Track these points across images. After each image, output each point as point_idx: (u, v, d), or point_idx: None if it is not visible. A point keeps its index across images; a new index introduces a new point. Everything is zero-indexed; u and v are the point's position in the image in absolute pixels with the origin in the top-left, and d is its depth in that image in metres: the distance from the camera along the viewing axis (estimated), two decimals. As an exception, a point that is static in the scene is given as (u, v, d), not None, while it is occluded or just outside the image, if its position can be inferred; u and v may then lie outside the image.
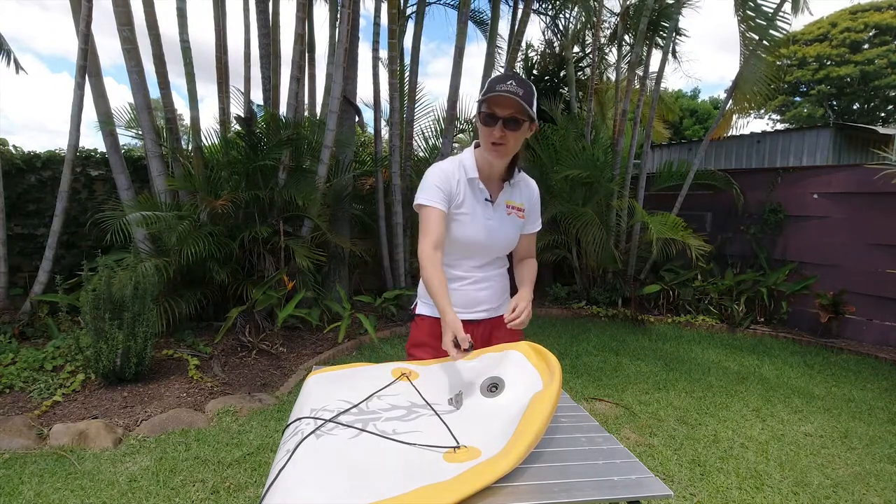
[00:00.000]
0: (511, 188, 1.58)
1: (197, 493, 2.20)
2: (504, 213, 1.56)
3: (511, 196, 1.58)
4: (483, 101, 1.41)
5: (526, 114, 1.38)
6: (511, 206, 1.57)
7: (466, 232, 1.52)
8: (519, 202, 1.59)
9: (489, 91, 1.38)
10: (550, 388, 1.08)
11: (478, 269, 1.60)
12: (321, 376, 1.35)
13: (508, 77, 1.40)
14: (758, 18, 5.39)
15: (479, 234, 1.53)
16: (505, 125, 1.39)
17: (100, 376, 3.25)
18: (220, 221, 4.32)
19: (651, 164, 7.96)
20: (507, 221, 1.56)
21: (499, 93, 1.35)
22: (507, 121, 1.39)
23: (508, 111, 1.38)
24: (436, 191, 1.46)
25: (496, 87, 1.37)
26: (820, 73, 17.09)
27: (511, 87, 1.36)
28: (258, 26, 5.09)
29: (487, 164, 1.50)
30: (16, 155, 4.81)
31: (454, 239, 1.53)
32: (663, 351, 4.43)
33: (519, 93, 1.35)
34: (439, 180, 1.47)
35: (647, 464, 2.47)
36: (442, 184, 1.47)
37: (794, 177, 5.37)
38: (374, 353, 4.22)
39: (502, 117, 1.38)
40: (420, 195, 1.47)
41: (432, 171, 1.51)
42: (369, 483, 0.85)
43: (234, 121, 4.45)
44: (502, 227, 1.55)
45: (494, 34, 5.98)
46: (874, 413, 3.23)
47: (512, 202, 1.57)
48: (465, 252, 1.57)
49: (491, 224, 1.53)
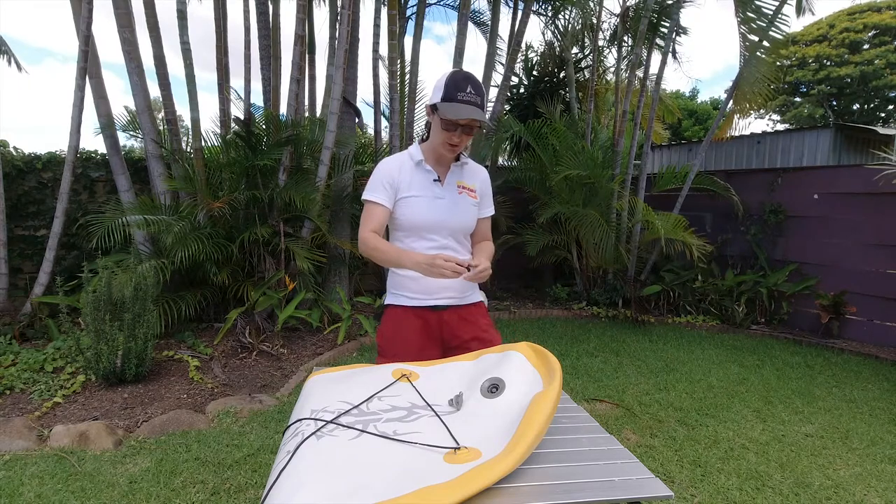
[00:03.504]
0: (460, 170, 1.67)
1: (197, 494, 2.20)
2: (455, 192, 1.63)
3: (461, 177, 1.67)
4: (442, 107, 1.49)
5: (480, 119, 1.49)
6: (462, 187, 1.65)
7: (419, 212, 1.58)
8: (471, 184, 1.67)
9: (450, 99, 1.47)
10: (551, 388, 1.08)
11: (434, 250, 1.60)
12: (321, 377, 1.35)
13: (465, 81, 1.49)
14: (758, 20, 5.40)
15: (431, 212, 1.59)
16: (463, 131, 1.52)
17: (100, 377, 3.25)
18: (220, 223, 4.32)
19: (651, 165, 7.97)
20: (459, 200, 1.63)
21: (461, 104, 1.46)
22: (465, 128, 1.51)
23: (467, 119, 1.48)
24: (380, 187, 1.57)
25: (457, 96, 1.47)
26: (820, 74, 17.09)
27: (470, 97, 1.47)
28: (258, 27, 5.10)
29: (437, 152, 1.60)
30: (16, 156, 4.82)
31: (408, 222, 1.60)
32: (664, 352, 4.43)
33: (477, 101, 1.47)
34: (383, 176, 1.58)
35: (648, 465, 2.47)
36: (385, 179, 1.57)
37: (795, 177, 5.37)
38: (374, 354, 4.19)
39: (462, 125, 1.50)
40: (365, 191, 1.59)
41: (378, 168, 1.61)
42: (370, 484, 0.85)
43: (234, 122, 4.46)
44: (456, 206, 1.62)
45: (495, 35, 5.99)
46: (875, 414, 3.23)
47: (462, 182, 1.66)
48: (420, 233, 1.61)
49: (442, 203, 1.60)
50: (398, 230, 1.63)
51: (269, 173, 4.44)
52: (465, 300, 1.68)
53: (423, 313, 1.63)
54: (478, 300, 1.73)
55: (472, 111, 1.46)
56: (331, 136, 4.47)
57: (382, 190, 1.57)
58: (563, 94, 6.81)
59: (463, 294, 1.67)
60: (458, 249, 1.66)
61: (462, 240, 1.68)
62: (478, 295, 1.74)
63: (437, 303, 1.63)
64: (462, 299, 1.67)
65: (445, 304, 1.64)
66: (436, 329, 1.65)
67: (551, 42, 7.34)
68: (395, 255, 1.51)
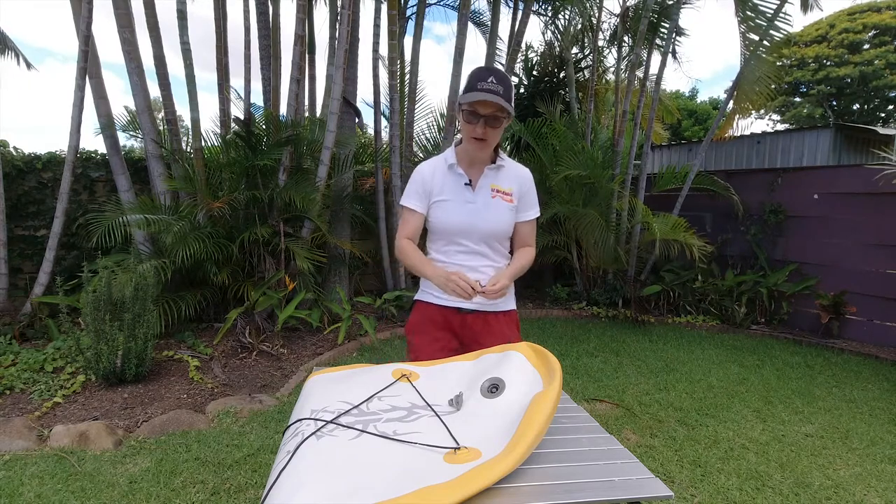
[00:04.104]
0: (496, 173, 1.62)
1: (197, 494, 2.20)
2: (488, 197, 1.60)
3: (496, 180, 1.62)
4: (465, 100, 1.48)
5: (505, 110, 1.46)
6: (496, 190, 1.61)
7: (447, 216, 1.59)
8: (507, 187, 1.62)
9: (471, 89, 1.46)
10: (551, 388, 1.08)
11: (466, 255, 1.61)
12: (321, 377, 1.35)
13: (488, 73, 1.46)
14: (758, 19, 5.40)
15: (460, 216, 1.58)
16: (486, 122, 1.48)
17: (100, 377, 3.25)
18: (220, 223, 4.32)
19: (651, 165, 7.97)
20: (492, 204, 1.59)
21: (480, 92, 1.43)
22: (488, 118, 1.48)
23: (489, 110, 1.46)
24: (414, 194, 1.59)
25: (477, 85, 1.44)
26: (819, 74, 17.09)
27: (492, 86, 1.43)
28: (258, 27, 5.10)
29: (469, 153, 1.59)
30: (16, 156, 4.82)
31: (439, 225, 1.61)
32: (664, 352, 4.43)
33: (499, 91, 1.44)
34: (417, 182, 1.60)
35: (648, 465, 2.47)
36: (419, 184, 1.60)
37: (795, 177, 5.37)
38: (374, 354, 4.22)
39: (484, 115, 1.47)
40: (403, 196, 1.62)
41: (414, 173, 1.62)
42: (370, 484, 0.85)
43: (234, 122, 4.46)
44: (487, 210, 1.59)
45: (494, 35, 5.99)
46: (875, 413, 3.23)
47: (497, 186, 1.61)
48: (451, 237, 1.61)
49: (472, 207, 1.58)
50: (432, 234, 1.64)
51: (269, 173, 4.44)
52: (494, 307, 1.64)
53: (448, 313, 1.64)
54: (509, 308, 1.69)
55: (491, 97, 1.43)
56: (331, 136, 4.47)
57: (416, 196, 1.59)
58: (562, 94, 6.81)
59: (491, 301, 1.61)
60: (490, 255, 1.63)
61: (497, 245, 1.64)
62: (510, 303, 1.69)
63: (463, 305, 1.62)
64: (491, 306, 1.64)
65: (471, 309, 1.63)
66: (458, 329, 1.65)
67: (551, 42, 7.34)
68: (420, 265, 1.55)
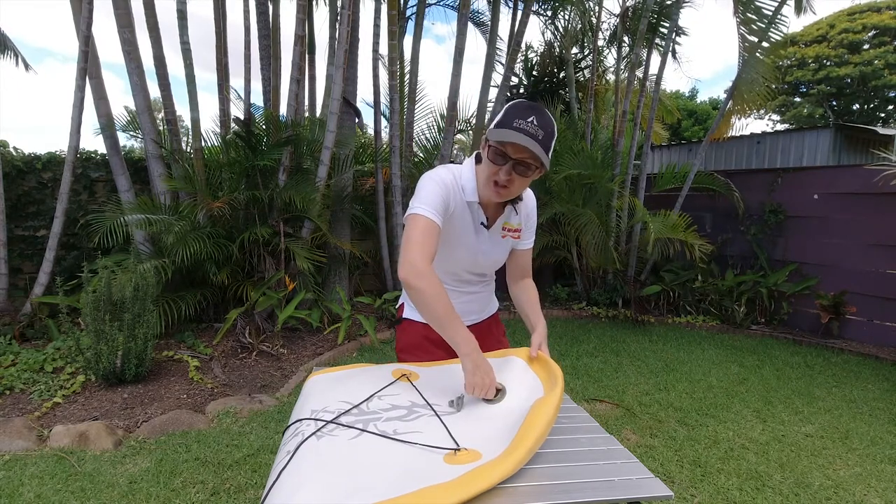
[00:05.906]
0: (511, 210, 1.44)
1: (197, 494, 2.20)
2: (498, 237, 1.44)
3: (509, 217, 1.43)
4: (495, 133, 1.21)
5: (539, 160, 1.20)
6: (507, 229, 1.44)
7: (454, 253, 1.40)
8: (517, 223, 1.45)
9: (504, 125, 1.19)
10: (552, 394, 1.08)
11: (456, 282, 1.50)
12: (321, 377, 1.35)
13: (530, 112, 1.19)
14: (758, 21, 5.40)
15: (466, 256, 1.42)
16: (514, 168, 1.22)
17: (100, 378, 3.25)
18: (220, 223, 4.32)
19: (651, 165, 7.97)
20: (499, 244, 1.45)
21: (514, 132, 1.17)
22: (517, 164, 1.21)
23: (522, 154, 1.19)
24: (440, 202, 1.25)
25: (514, 122, 1.18)
26: (819, 74, 17.09)
27: (530, 128, 1.17)
28: (258, 27, 5.10)
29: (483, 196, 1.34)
30: (16, 156, 4.82)
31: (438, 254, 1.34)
32: (664, 352, 4.43)
33: (538, 136, 1.17)
34: (441, 191, 1.26)
35: (648, 465, 2.47)
36: (443, 196, 1.27)
37: (795, 177, 5.37)
38: (374, 354, 4.22)
39: (514, 159, 1.20)
40: (417, 203, 1.24)
41: (432, 180, 1.28)
42: (370, 484, 0.85)
43: (234, 123, 4.46)
44: (492, 251, 1.44)
45: (494, 35, 5.99)
46: (875, 414, 3.23)
47: (509, 224, 1.44)
48: (445, 266, 1.45)
49: (481, 248, 1.42)
50: None
51: (269, 173, 4.44)
52: (484, 314, 1.60)
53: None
54: (494, 311, 1.65)
55: (525, 141, 1.15)
56: (331, 136, 4.47)
57: (443, 205, 1.26)
58: (562, 94, 6.82)
59: (483, 311, 1.59)
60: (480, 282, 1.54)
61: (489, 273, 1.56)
62: (494, 305, 1.65)
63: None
64: (482, 314, 1.59)
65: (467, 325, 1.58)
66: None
67: (551, 42, 7.34)
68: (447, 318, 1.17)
